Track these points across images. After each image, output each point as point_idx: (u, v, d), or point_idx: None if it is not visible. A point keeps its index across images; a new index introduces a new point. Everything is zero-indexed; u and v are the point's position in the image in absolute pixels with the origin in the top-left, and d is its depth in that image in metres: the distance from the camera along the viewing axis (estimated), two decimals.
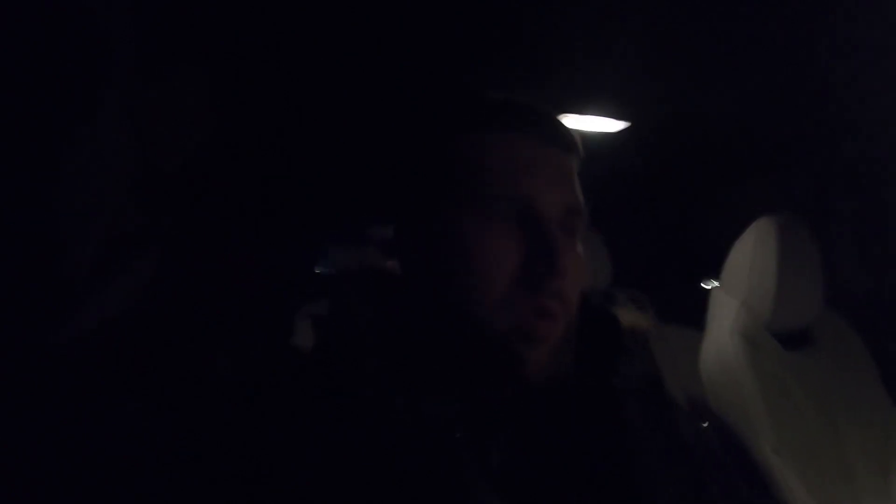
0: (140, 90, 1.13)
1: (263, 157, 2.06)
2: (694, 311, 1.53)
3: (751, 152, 1.97)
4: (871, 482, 1.26)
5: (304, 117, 1.78)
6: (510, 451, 0.51)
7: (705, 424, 0.60)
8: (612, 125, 1.81)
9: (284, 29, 1.28)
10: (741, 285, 1.37)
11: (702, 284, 1.51)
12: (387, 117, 1.66)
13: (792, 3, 1.17)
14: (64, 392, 0.91)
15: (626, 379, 0.58)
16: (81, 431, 0.87)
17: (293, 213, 2.74)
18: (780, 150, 1.92)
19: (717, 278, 1.46)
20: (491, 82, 1.56)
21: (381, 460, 0.47)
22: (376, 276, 0.61)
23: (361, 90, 1.59)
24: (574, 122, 1.75)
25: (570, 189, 0.55)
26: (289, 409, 0.51)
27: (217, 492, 0.47)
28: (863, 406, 1.35)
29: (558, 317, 0.51)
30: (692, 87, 1.61)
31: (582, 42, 1.38)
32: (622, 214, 2.51)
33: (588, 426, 0.54)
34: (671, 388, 0.62)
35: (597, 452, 0.53)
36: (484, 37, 1.35)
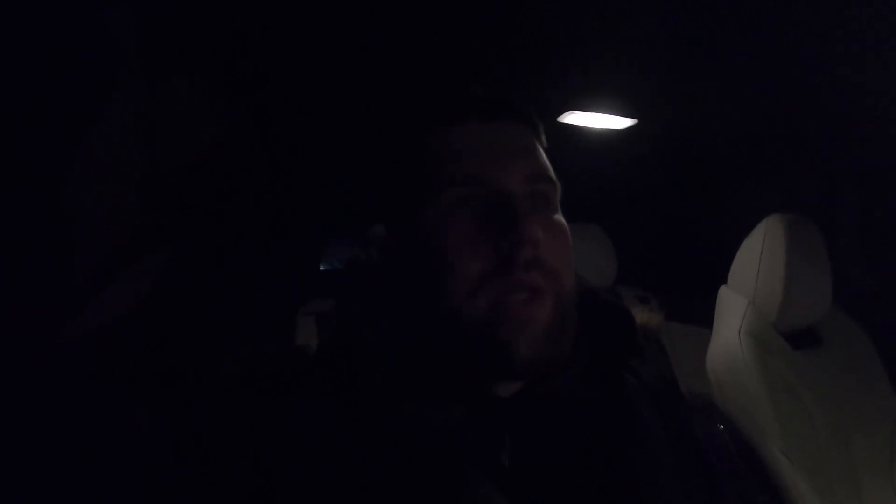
0: (147, 92, 1.13)
1: (267, 158, 2.07)
2: (701, 309, 1.53)
3: (758, 151, 1.97)
4: (878, 483, 1.25)
5: (303, 119, 1.79)
6: (520, 451, 0.51)
7: (721, 426, 0.60)
8: (620, 122, 1.81)
9: (288, 34, 1.28)
10: (749, 284, 1.37)
11: (709, 283, 1.50)
12: (369, 118, 1.66)
13: (799, 2, 1.16)
14: (70, 390, 0.91)
15: (640, 377, 0.58)
16: (87, 429, 0.87)
17: (297, 212, 2.74)
18: (787, 149, 1.91)
19: (724, 277, 1.46)
20: (499, 80, 1.57)
21: (391, 463, 0.47)
22: (376, 274, 0.61)
23: (354, 93, 1.60)
24: (581, 118, 1.75)
25: (529, 159, 0.54)
26: (297, 410, 0.50)
27: (223, 493, 0.47)
28: (870, 406, 1.34)
29: (543, 290, 0.49)
30: (700, 85, 1.60)
31: (590, 38, 1.37)
32: (628, 212, 2.51)
33: (600, 425, 0.54)
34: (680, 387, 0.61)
35: (609, 452, 0.52)
36: (491, 34, 1.35)
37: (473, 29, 1.32)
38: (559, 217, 0.55)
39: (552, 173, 0.56)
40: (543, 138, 0.59)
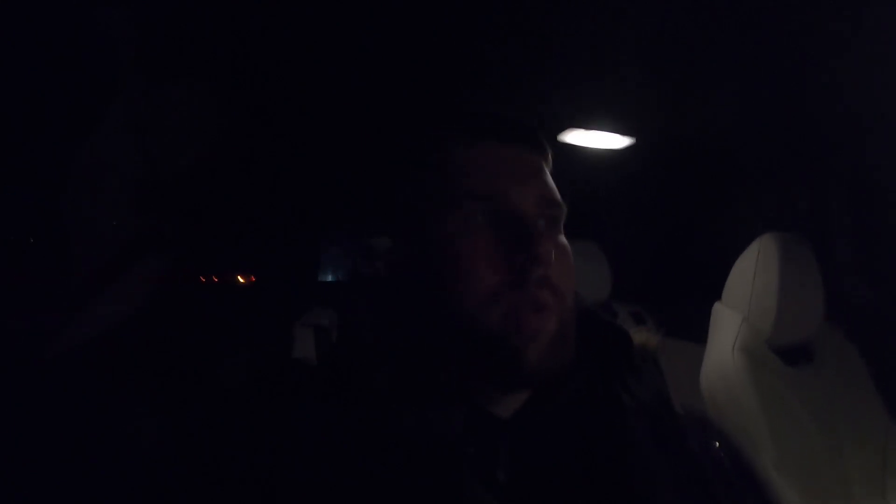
0: (145, 97, 1.13)
1: (266, 164, 2.07)
2: (695, 325, 1.54)
3: (753, 168, 1.98)
4: (870, 497, 1.26)
5: (305, 126, 1.79)
6: (516, 467, 0.51)
7: (717, 443, 0.61)
8: (618, 141, 1.82)
9: (287, 41, 1.29)
10: (743, 301, 1.38)
11: (704, 300, 1.51)
12: (379, 133, 1.67)
13: (791, 15, 1.18)
14: (70, 390, 0.91)
15: (637, 397, 0.59)
16: (87, 429, 0.87)
17: (298, 216, 2.74)
18: (780, 165, 1.93)
19: (719, 294, 1.47)
20: (497, 100, 1.58)
21: (391, 464, 0.47)
22: (380, 285, 0.61)
23: (360, 102, 1.60)
24: (580, 137, 1.76)
25: (543, 182, 0.57)
26: (297, 411, 0.51)
27: (223, 493, 0.47)
28: (862, 422, 1.35)
29: (551, 307, 0.52)
30: (696, 102, 1.62)
31: (587, 58, 1.39)
32: (625, 229, 2.52)
33: (597, 443, 0.54)
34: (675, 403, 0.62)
35: (605, 470, 0.53)
36: (491, 54, 1.36)
37: (473, 47, 1.33)
38: (563, 239, 0.57)
39: (559, 197, 0.58)
40: (551, 162, 0.61)
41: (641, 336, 0.64)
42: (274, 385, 0.55)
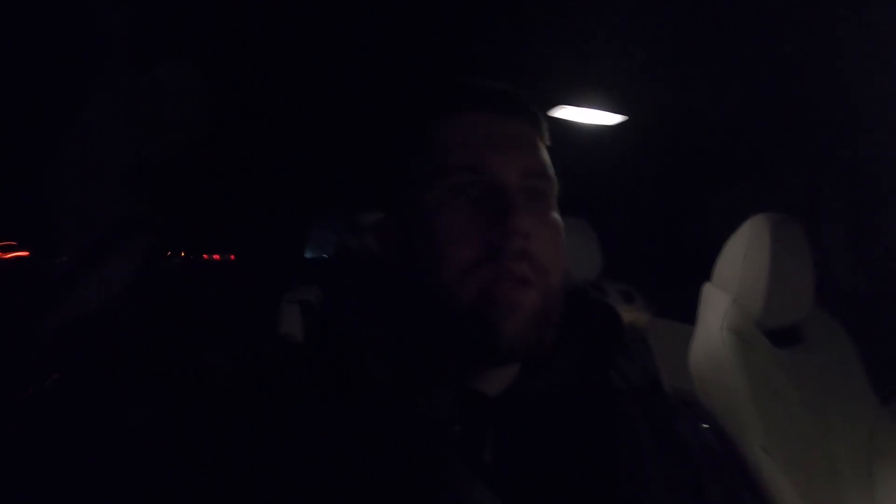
0: (132, 82, 1.11)
1: (251, 149, 2.05)
2: (685, 306, 1.54)
3: (746, 150, 1.98)
4: (856, 479, 1.27)
5: (290, 108, 1.77)
6: (503, 446, 0.51)
7: (706, 426, 0.60)
8: (610, 118, 1.81)
9: (272, 22, 1.26)
10: (733, 282, 1.38)
11: (693, 280, 1.51)
12: (364, 108, 1.66)
13: (789, 3, 1.16)
14: (70, 390, 0.90)
15: (626, 376, 0.58)
16: (87, 429, 0.87)
17: (282, 200, 2.72)
18: (775, 148, 1.92)
19: (708, 274, 1.47)
20: (489, 73, 1.56)
21: (391, 463, 0.47)
22: (367, 262, 0.60)
23: (346, 84, 1.58)
24: (571, 114, 1.74)
25: (529, 154, 0.55)
26: (296, 410, 0.50)
27: (211, 486, 0.47)
28: (849, 404, 1.36)
29: (529, 281, 0.50)
30: (690, 84, 1.61)
31: (581, 34, 1.37)
32: (615, 208, 2.52)
33: (585, 424, 0.54)
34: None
35: (593, 450, 0.52)
36: (483, 28, 1.34)
37: (465, 21, 1.31)
38: (554, 214, 0.55)
39: (551, 170, 0.56)
40: (546, 135, 0.59)
41: (630, 315, 0.63)
42: (269, 381, 0.54)
